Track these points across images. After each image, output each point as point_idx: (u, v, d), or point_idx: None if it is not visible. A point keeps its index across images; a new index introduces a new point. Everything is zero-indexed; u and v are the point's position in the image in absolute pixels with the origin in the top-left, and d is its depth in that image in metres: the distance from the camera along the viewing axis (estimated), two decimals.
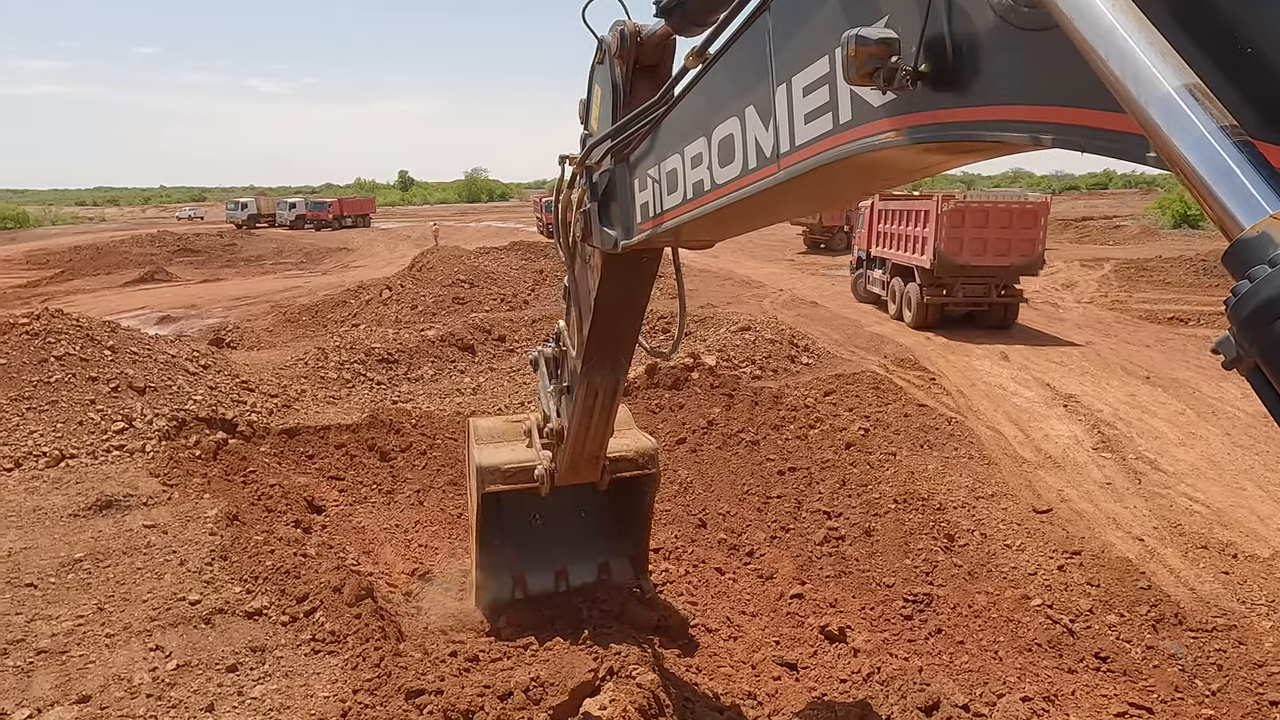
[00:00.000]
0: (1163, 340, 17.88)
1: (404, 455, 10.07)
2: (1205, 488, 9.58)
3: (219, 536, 6.58)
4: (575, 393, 4.64)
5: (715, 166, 2.62)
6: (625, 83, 3.37)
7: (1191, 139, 1.03)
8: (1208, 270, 26.96)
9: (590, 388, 4.48)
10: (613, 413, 4.79)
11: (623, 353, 4.41)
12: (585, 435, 4.87)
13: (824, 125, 2.06)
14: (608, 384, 4.51)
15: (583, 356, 4.37)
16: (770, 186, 2.34)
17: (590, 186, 3.61)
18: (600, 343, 4.22)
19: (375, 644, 4.98)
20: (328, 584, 5.57)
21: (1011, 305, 18.99)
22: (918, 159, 2.01)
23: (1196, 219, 47.69)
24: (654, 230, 3.16)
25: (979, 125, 1.63)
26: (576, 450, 5.02)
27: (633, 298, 4.00)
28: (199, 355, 11.30)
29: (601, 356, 4.32)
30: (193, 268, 36.37)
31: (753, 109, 2.36)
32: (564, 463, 5.19)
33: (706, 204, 2.72)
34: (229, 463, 8.87)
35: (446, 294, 20.67)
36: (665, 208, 3.03)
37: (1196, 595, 7.27)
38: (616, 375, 4.50)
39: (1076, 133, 1.42)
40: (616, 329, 4.15)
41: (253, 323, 20.38)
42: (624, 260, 3.62)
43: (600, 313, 4.00)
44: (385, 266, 33.32)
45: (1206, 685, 6.13)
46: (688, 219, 2.88)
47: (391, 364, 14.04)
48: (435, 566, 7.71)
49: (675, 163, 2.88)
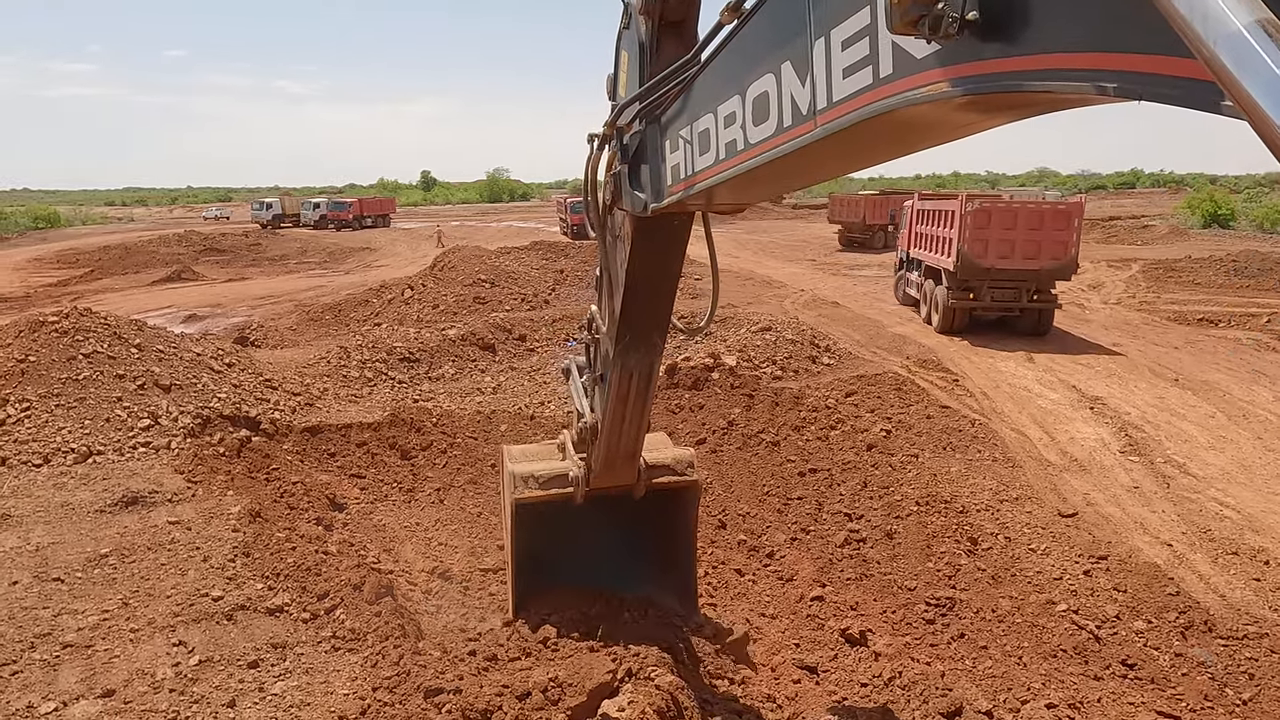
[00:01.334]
0: (1192, 342, 17.57)
1: (424, 454, 10.12)
2: (1236, 492, 9.39)
3: (241, 533, 6.64)
4: (609, 378, 4.47)
5: (749, 125, 2.56)
6: (652, 41, 3.33)
7: (1263, 82, 0.93)
8: (1238, 271, 26.44)
9: (624, 370, 4.33)
10: (648, 401, 4.62)
11: (657, 330, 4.26)
12: (620, 427, 4.67)
13: (863, 80, 1.99)
14: (642, 366, 4.35)
15: (615, 336, 4.22)
16: (806, 145, 2.28)
17: (620, 149, 3.56)
18: (633, 319, 4.10)
19: (395, 642, 5.00)
20: (348, 582, 5.60)
21: (1046, 311, 17.94)
22: (959, 115, 1.92)
23: (1226, 219, 46.89)
24: (685, 192, 3.11)
25: (1032, 75, 1.53)
26: (612, 445, 4.79)
27: (665, 266, 3.92)
28: (223, 353, 11.42)
29: (635, 335, 4.18)
30: (218, 267, 36.81)
31: (789, 65, 2.30)
32: (599, 460, 4.95)
33: (739, 164, 2.66)
34: (252, 460, 8.95)
35: (467, 293, 20.75)
36: (697, 169, 2.97)
37: (1227, 602, 7.12)
38: (651, 357, 4.35)
39: (1138, 80, 1.33)
40: (649, 302, 4.03)
41: (277, 321, 20.57)
42: (654, 225, 3.58)
43: (632, 283, 3.91)
44: (407, 266, 33.53)
45: (1237, 694, 6.00)
46: (720, 180, 2.82)
47: (413, 363, 14.11)
48: (455, 565, 7.74)
49: (708, 122, 2.82)
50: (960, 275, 17.42)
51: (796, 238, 46.69)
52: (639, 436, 4.86)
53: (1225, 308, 21.15)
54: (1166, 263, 29.32)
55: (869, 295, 24.57)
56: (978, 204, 17.56)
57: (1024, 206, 17.78)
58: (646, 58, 3.34)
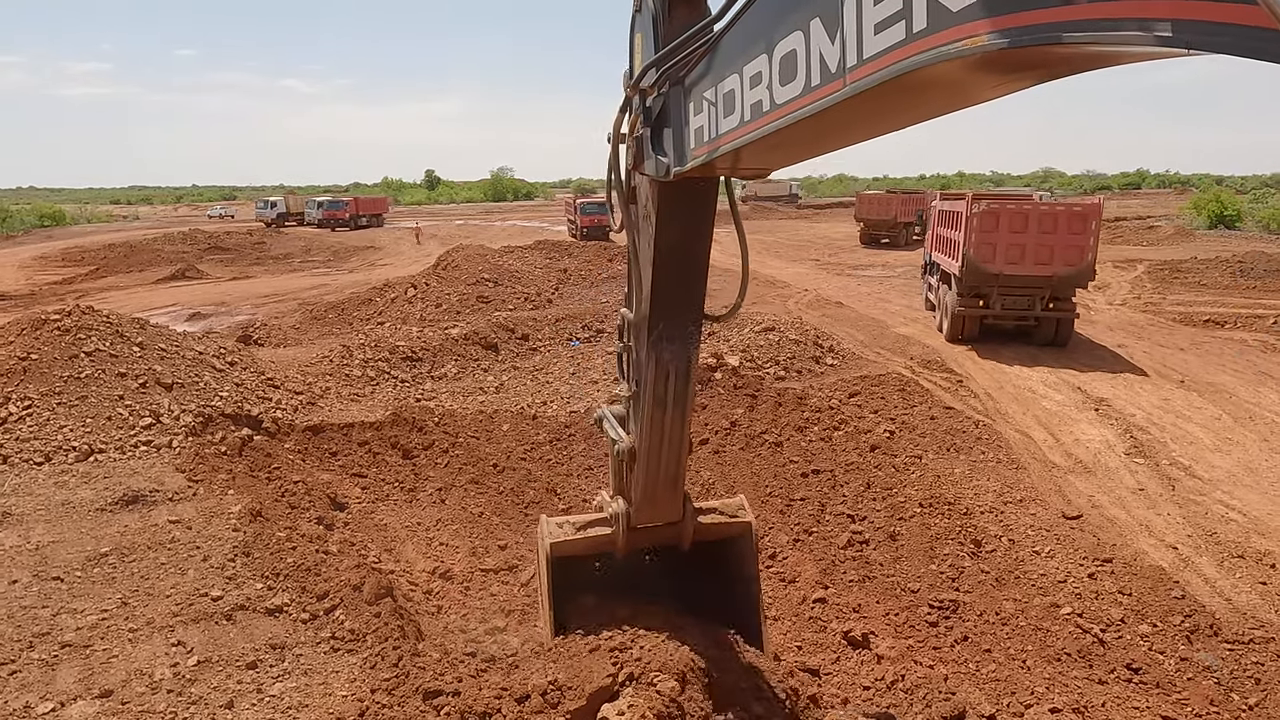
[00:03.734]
0: (1198, 343, 17.48)
1: (426, 453, 10.10)
2: (1242, 495, 9.33)
3: (242, 533, 6.62)
4: (644, 381, 4.23)
5: (776, 85, 2.50)
6: (663, 9, 3.31)
7: None
8: (1244, 272, 26.32)
9: (659, 368, 4.13)
10: (687, 409, 4.33)
11: (690, 317, 4.09)
12: (660, 442, 4.32)
13: (895, 35, 1.93)
14: (679, 361, 4.15)
15: (648, 325, 4.05)
16: (834, 104, 2.22)
17: (643, 111, 3.51)
18: (665, 302, 3.95)
19: (394, 643, 4.97)
20: (348, 582, 5.58)
21: (1064, 320, 16.60)
22: (992, 73, 1.85)
23: (1232, 220, 46.73)
24: (709, 155, 3.05)
25: (1075, 25, 1.46)
26: (651, 467, 4.39)
27: (694, 238, 3.84)
28: (226, 352, 11.42)
29: (669, 322, 4.02)
30: (223, 265, 36.87)
31: (818, 21, 2.25)
32: (639, 489, 4.51)
33: (765, 125, 2.60)
34: (254, 459, 8.93)
35: (471, 292, 20.73)
36: (721, 131, 2.91)
37: (1233, 606, 7.07)
38: (687, 350, 4.15)
39: (1190, 28, 1.26)
40: (681, 281, 3.91)
41: (280, 320, 20.58)
42: (679, 190, 3.54)
43: (661, 259, 3.82)
44: (411, 265, 33.55)
45: (1243, 699, 5.94)
46: (744, 142, 2.76)
47: (415, 362, 14.09)
48: (456, 565, 7.72)
49: (733, 83, 2.77)
50: (967, 281, 16.44)
51: (800, 238, 46.62)
52: (680, 457, 4.48)
53: (1231, 309, 21.05)
54: (1172, 264, 29.20)
55: (873, 295, 24.51)
56: (985, 205, 16.48)
57: (1036, 208, 16.50)
58: (660, 29, 3.32)
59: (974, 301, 16.59)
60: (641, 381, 4.30)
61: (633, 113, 3.60)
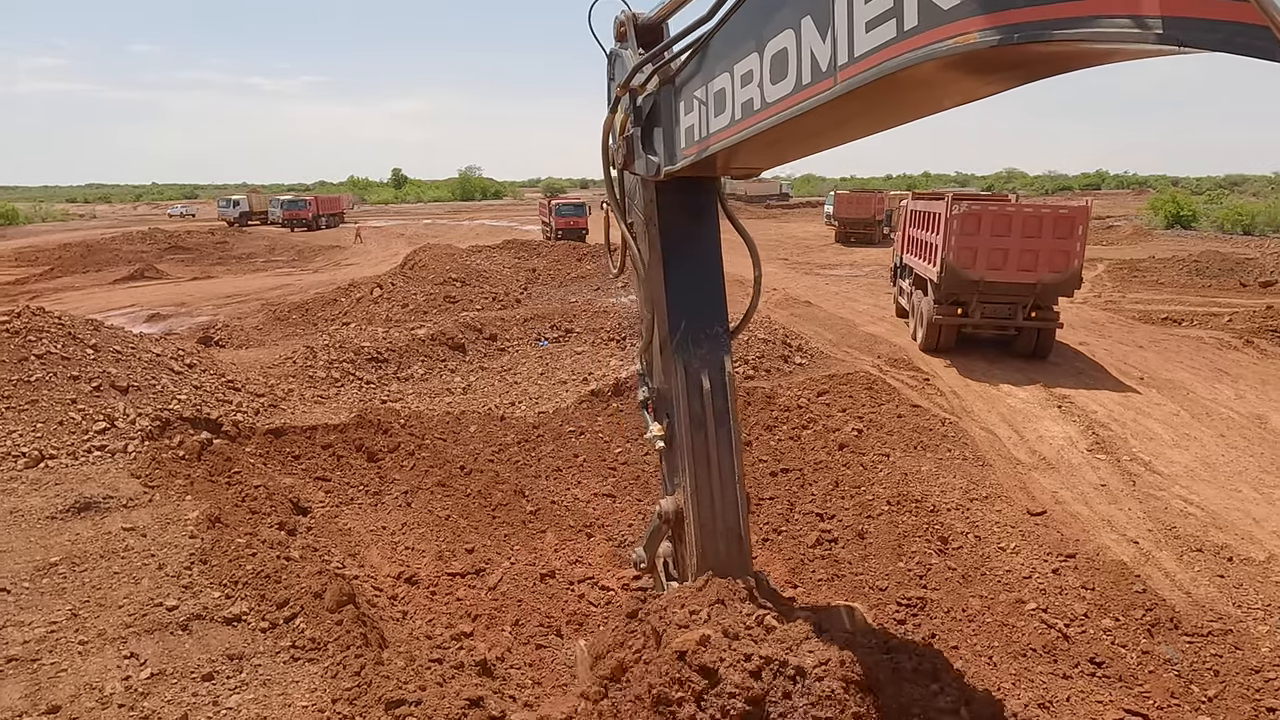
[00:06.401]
0: (1156, 341, 17.84)
1: (392, 456, 9.94)
2: (1200, 490, 9.51)
3: (199, 540, 6.44)
4: (676, 400, 3.63)
5: (767, 84, 2.49)
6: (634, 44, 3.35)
7: None
8: (1200, 271, 26.97)
9: (690, 377, 3.61)
10: (735, 432, 3.69)
11: (715, 316, 3.74)
12: (709, 476, 3.61)
13: (886, 33, 1.92)
14: (711, 368, 3.65)
15: (669, 327, 3.68)
16: (825, 103, 2.21)
17: (634, 111, 3.45)
18: (683, 303, 3.66)
19: (356, 651, 4.86)
20: (309, 589, 5.44)
21: (1045, 330, 15.56)
22: (980, 71, 1.84)
23: (1188, 220, 47.88)
24: (699, 155, 3.01)
25: (1065, 23, 1.45)
26: (705, 519, 3.61)
27: (699, 234, 3.72)
28: (184, 354, 11.14)
29: (691, 323, 3.66)
30: (183, 265, 36.10)
31: (809, 20, 2.24)
32: (694, 550, 3.70)
33: (756, 124, 2.58)
34: (213, 463, 8.71)
35: (438, 292, 20.51)
36: (712, 130, 2.89)
37: (1192, 599, 7.19)
38: (719, 354, 3.70)
39: (1181, 25, 1.26)
40: (695, 280, 3.71)
41: (242, 321, 20.17)
42: (675, 190, 3.46)
43: (670, 258, 3.68)
44: (378, 264, 33.14)
45: (1203, 691, 6.04)
46: (735, 141, 2.74)
47: (381, 363, 13.89)
48: (422, 569, 7.59)
49: (724, 82, 2.75)
50: (945, 288, 15.29)
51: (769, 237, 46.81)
52: (739, 501, 3.67)
53: (1188, 307, 21.53)
54: (1131, 263, 29.83)
55: (841, 295, 24.69)
56: (966, 207, 15.34)
57: (1020, 210, 15.35)
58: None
59: (952, 310, 15.53)
60: (674, 409, 3.69)
61: (623, 112, 3.54)
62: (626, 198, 3.90)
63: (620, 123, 3.57)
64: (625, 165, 3.60)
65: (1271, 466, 10.26)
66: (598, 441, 10.69)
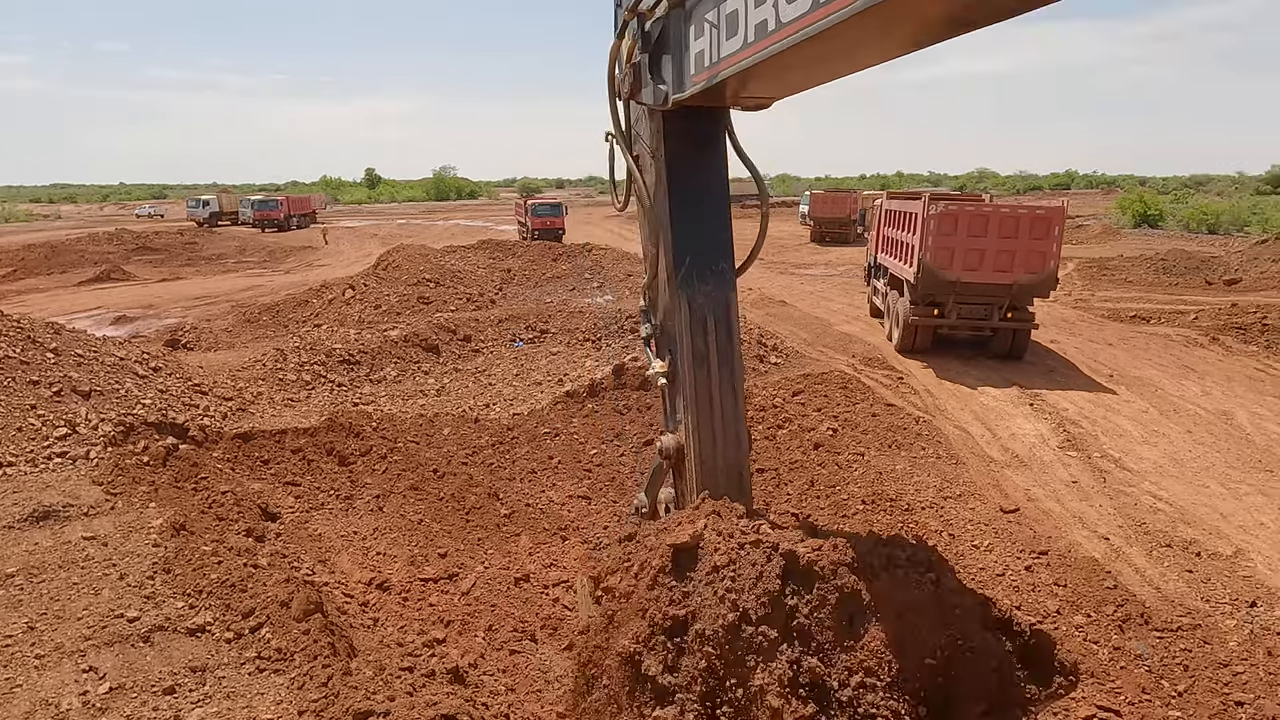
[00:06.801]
0: (1125, 339, 18.09)
1: (363, 459, 9.79)
2: (1169, 485, 9.63)
3: (163, 548, 6.28)
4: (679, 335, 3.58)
5: (782, 3, 2.38)
6: None
7: None
8: (1167, 269, 27.42)
9: (695, 312, 3.53)
10: (737, 370, 3.68)
11: (720, 254, 3.63)
12: (711, 414, 3.58)
13: None
14: (716, 304, 3.59)
15: (673, 264, 3.56)
16: (844, 20, 2.10)
17: (642, 36, 3.31)
18: (688, 236, 3.54)
19: (324, 661, 4.75)
20: (275, 598, 5.32)
21: (1021, 331, 15.56)
22: None
23: (1155, 219, 48.70)
24: (709, 81, 2.90)
25: None
26: (705, 452, 3.58)
27: (706, 167, 3.58)
28: (149, 358, 10.91)
29: (696, 259, 3.55)
30: (151, 266, 35.49)
31: None
32: (693, 485, 3.66)
33: (769, 46, 2.48)
34: (179, 469, 8.52)
35: (411, 293, 20.30)
36: (723, 54, 2.78)
37: (1162, 594, 7.27)
38: (724, 291, 3.63)
39: None
40: (701, 215, 3.60)
41: (211, 323, 19.84)
42: (683, 121, 3.35)
43: (677, 189, 3.54)
44: (351, 265, 32.79)
45: (1173, 686, 6.10)
46: (748, 65, 2.63)
47: (353, 365, 13.71)
48: (394, 575, 7.48)
49: (737, 3, 2.64)
50: (922, 288, 15.21)
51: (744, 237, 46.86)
52: (740, 440, 3.65)
53: (1156, 305, 21.88)
54: (1100, 261, 30.25)
55: (816, 294, 24.80)
56: (943, 206, 15.18)
57: (996, 211, 15.28)
58: None
59: (929, 310, 15.45)
60: (677, 345, 3.62)
61: (630, 38, 3.41)
62: (632, 128, 3.77)
63: (627, 49, 3.43)
64: (632, 94, 3.48)
65: (1237, 462, 10.42)
66: (573, 443, 10.62)
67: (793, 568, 2.93)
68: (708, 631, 2.81)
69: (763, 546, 2.99)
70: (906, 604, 3.05)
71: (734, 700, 2.79)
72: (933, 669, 2.98)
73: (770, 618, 2.85)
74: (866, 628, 2.91)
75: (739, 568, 2.95)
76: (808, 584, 2.93)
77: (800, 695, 2.75)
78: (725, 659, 2.83)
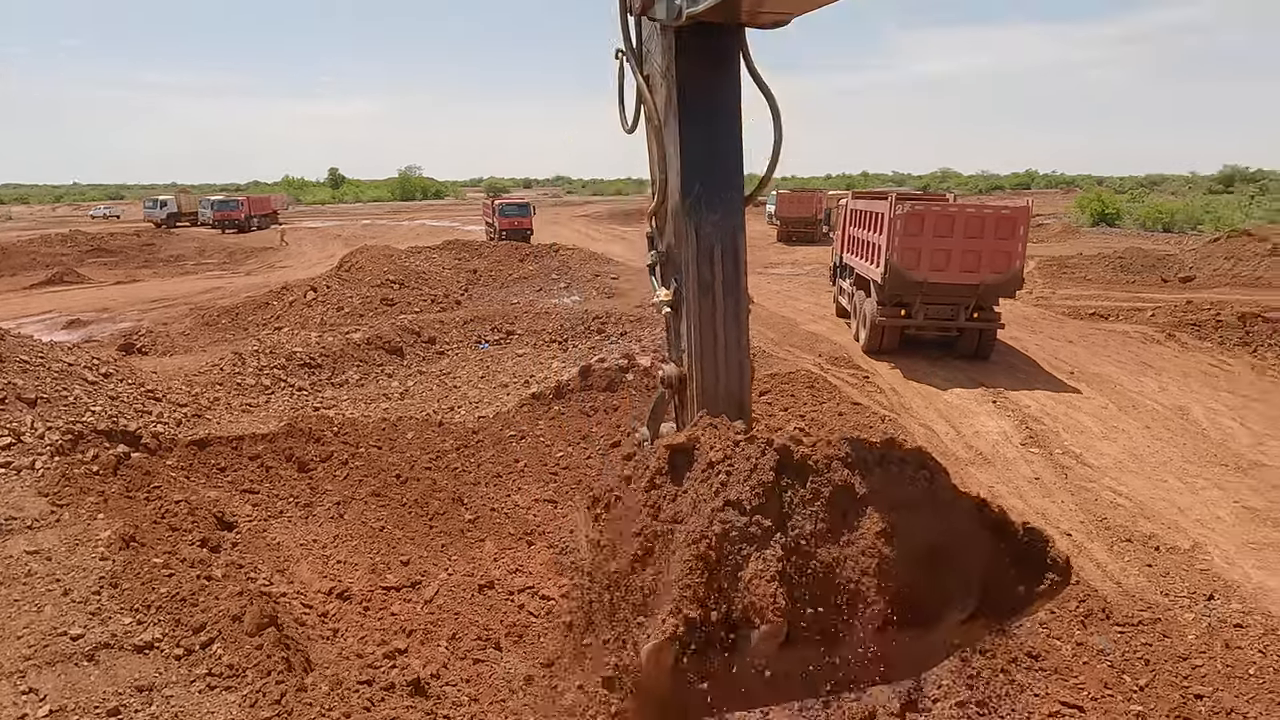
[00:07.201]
0: (1085, 336, 18.39)
1: (324, 466, 9.57)
2: (1128, 481, 9.78)
3: (111, 561, 6.06)
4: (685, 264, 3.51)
5: None
6: None
7: None
8: (1124, 267, 27.98)
9: (702, 241, 3.46)
10: (743, 302, 3.58)
11: (731, 183, 3.49)
12: (714, 343, 3.51)
13: None
14: (724, 235, 3.49)
15: (682, 190, 3.46)
16: None
17: None
18: (698, 159, 3.46)
19: (277, 677, 4.60)
20: (227, 612, 5.15)
21: (987, 331, 15.64)
22: None
23: (1113, 218, 49.70)
24: None
25: None
26: (708, 384, 3.51)
27: (721, 88, 3.47)
28: (99, 363, 10.58)
29: (706, 185, 3.44)
30: (106, 269, 34.59)
31: None
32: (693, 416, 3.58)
33: None
34: (130, 478, 8.25)
35: (375, 295, 20.00)
36: None
37: (1122, 589, 7.36)
38: (733, 221, 3.50)
39: None
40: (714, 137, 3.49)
41: (168, 326, 19.34)
42: (695, 39, 3.23)
43: (687, 113, 3.42)
44: (313, 266, 32.25)
45: (1135, 680, 6.17)
46: None
47: (314, 369, 13.45)
48: (355, 584, 7.31)
49: None
50: (889, 289, 15.17)
51: None
52: (743, 371, 3.60)
53: (1114, 302, 22.29)
54: (1060, 259, 30.77)
55: (783, 294, 24.90)
56: (910, 207, 15.13)
57: (962, 211, 15.28)
58: None
59: (895, 311, 15.41)
60: (682, 274, 3.56)
61: None
62: (643, 45, 3.65)
63: None
64: (644, 9, 3.36)
65: (1194, 456, 10.62)
66: (539, 446, 10.50)
67: (787, 462, 2.93)
68: (702, 523, 2.78)
69: (757, 442, 2.98)
70: (900, 499, 3.02)
71: (726, 592, 2.76)
72: (924, 564, 2.96)
73: (764, 508, 2.84)
74: (859, 520, 2.91)
75: (734, 462, 2.94)
76: (801, 477, 2.93)
77: (791, 584, 2.73)
78: (719, 549, 2.79)
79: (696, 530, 2.73)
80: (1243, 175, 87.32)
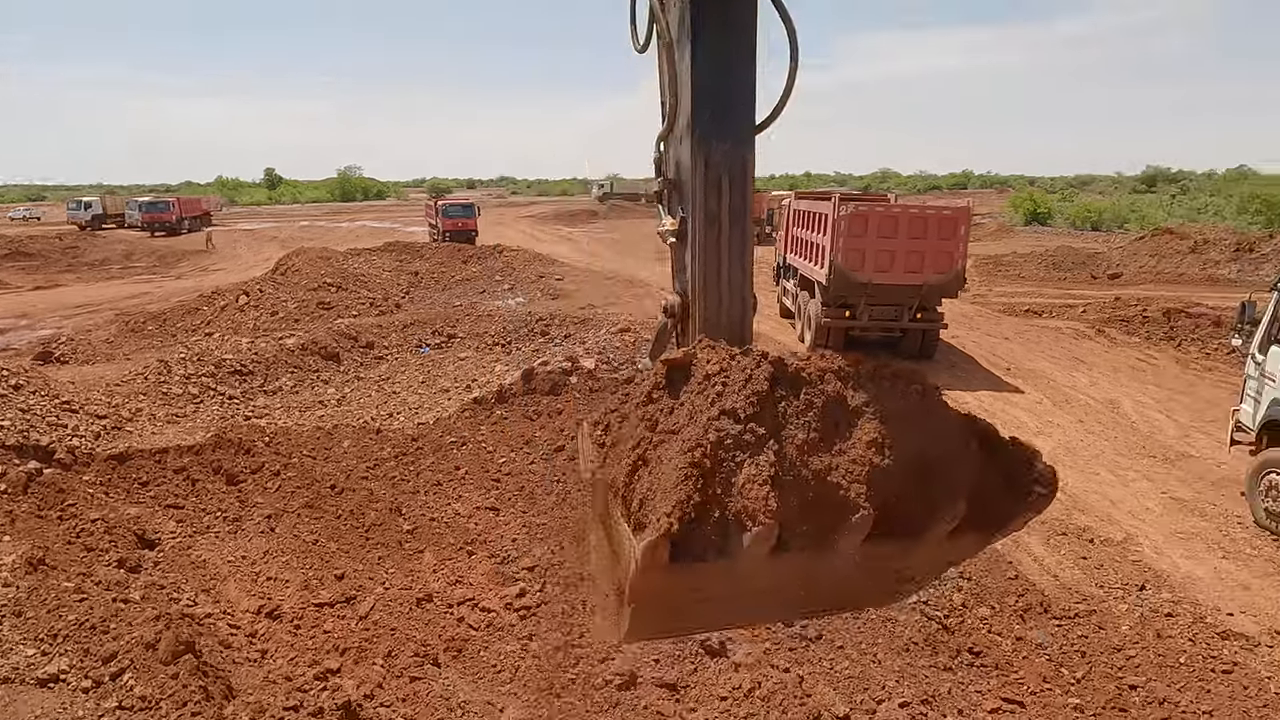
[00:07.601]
0: (1021, 332, 18.85)
1: (254, 477, 9.19)
2: (1063, 474, 9.83)
3: (15, 588, 5.66)
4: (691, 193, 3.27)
5: None
6: None
7: None
8: (1056, 265, 28.84)
9: (710, 170, 3.49)
10: (748, 232, 3.34)
11: (742, 107, 3.45)
12: (719, 270, 3.33)
13: None
14: (733, 164, 3.45)
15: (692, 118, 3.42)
16: None
17: None
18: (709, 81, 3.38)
19: (194, 708, 4.34)
20: (140, 639, 4.85)
21: (930, 332, 15.85)
22: None
23: (1045, 217, 51.29)
24: None
25: None
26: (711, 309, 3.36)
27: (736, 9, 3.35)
28: (9, 374, 9.99)
29: (715, 111, 3.42)
30: (25, 273, 32.95)
31: None
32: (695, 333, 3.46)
33: None
34: (42, 496, 7.79)
35: (311, 298, 19.43)
36: None
37: (1059, 582, 7.49)
38: (743, 151, 3.56)
39: None
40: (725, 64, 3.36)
41: (90, 334, 18.47)
42: None
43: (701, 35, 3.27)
44: (248, 270, 31.24)
45: (1072, 673, 6.26)
46: None
47: (246, 376, 12.96)
48: (286, 601, 7.01)
49: None
50: (833, 290, 15.18)
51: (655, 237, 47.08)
52: (745, 296, 3.41)
53: (1047, 299, 22.93)
54: (995, 258, 31.57)
55: None
56: (854, 208, 15.17)
57: (906, 211, 15.39)
58: None
59: (840, 312, 15.45)
60: (689, 203, 3.36)
61: None
62: None
63: None
64: None
65: (1125, 449, 10.92)
66: (480, 452, 10.26)
67: (781, 374, 2.93)
68: (698, 431, 2.74)
69: (753, 355, 2.96)
70: (891, 411, 3.03)
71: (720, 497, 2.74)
72: (914, 475, 2.97)
73: (759, 416, 2.83)
74: (851, 431, 2.92)
75: (729, 374, 2.92)
76: (796, 389, 2.93)
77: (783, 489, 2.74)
78: (713, 456, 2.77)
79: (692, 438, 2.73)
80: (1164, 175, 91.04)
